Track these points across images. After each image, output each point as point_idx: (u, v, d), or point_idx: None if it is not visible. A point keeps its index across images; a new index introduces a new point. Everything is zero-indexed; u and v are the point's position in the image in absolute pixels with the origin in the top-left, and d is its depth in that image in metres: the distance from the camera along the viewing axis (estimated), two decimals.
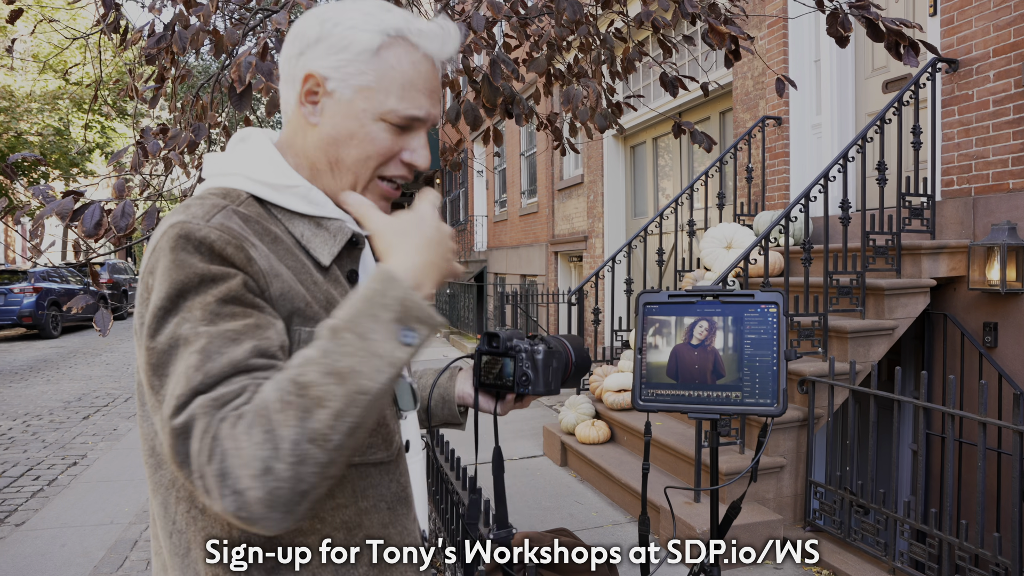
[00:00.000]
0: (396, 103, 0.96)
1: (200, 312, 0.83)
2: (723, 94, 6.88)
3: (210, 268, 0.84)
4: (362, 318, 0.80)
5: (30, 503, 4.81)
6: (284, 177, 0.98)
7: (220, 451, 0.75)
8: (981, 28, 4.17)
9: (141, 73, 3.05)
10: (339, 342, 0.78)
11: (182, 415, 0.78)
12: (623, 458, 4.73)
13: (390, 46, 0.96)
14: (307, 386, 0.76)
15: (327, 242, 0.99)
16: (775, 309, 1.75)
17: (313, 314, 0.93)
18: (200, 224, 0.86)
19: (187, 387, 0.79)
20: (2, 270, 15.28)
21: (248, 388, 0.79)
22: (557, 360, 1.17)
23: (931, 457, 4.42)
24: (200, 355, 0.80)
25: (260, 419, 0.75)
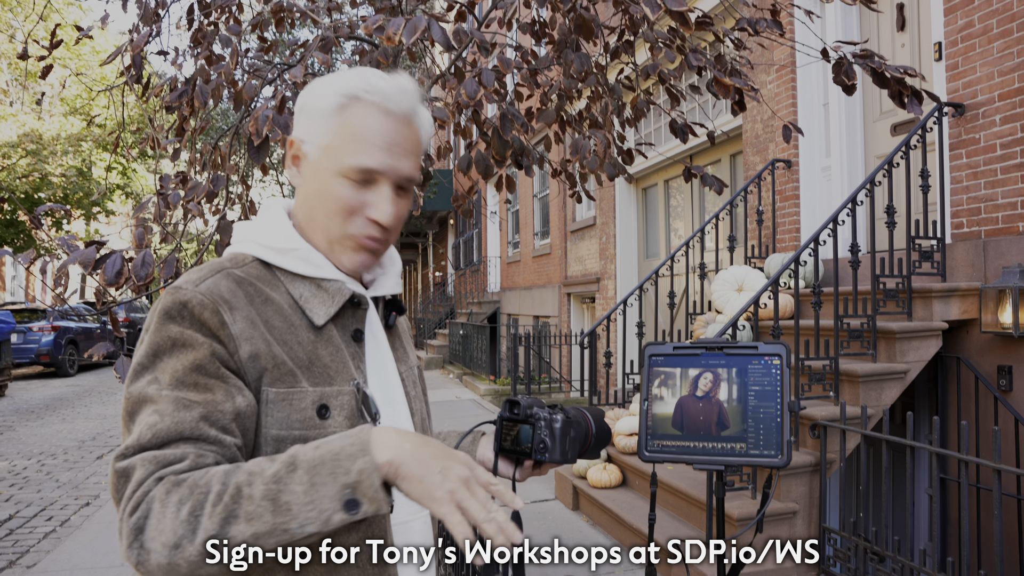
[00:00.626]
0: (349, 156, 1.00)
1: (168, 376, 0.91)
2: (734, 137, 6.96)
3: (183, 333, 0.92)
4: (322, 468, 0.82)
5: (42, 544, 4.82)
6: (287, 241, 1.04)
7: (146, 508, 0.82)
8: (986, 73, 4.22)
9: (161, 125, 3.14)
10: (291, 477, 0.82)
11: (124, 462, 0.86)
12: (635, 502, 4.69)
13: (348, 106, 1.01)
14: (246, 498, 0.81)
15: (324, 303, 1.03)
16: (779, 361, 1.76)
17: (286, 372, 0.97)
18: (188, 289, 0.95)
19: (137, 441, 0.87)
20: (21, 308, 15.48)
21: (189, 455, 0.86)
22: (575, 430, 1.20)
23: (948, 503, 4.36)
24: (156, 416, 0.88)
25: (194, 500, 0.82)
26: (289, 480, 0.81)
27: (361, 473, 0.81)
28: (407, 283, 32.93)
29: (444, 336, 17.00)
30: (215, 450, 0.89)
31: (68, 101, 18.53)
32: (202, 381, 0.91)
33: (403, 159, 1.03)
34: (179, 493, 0.82)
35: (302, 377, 0.98)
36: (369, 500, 0.81)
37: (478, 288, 17.41)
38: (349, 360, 1.04)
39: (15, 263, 25.49)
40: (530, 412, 1.19)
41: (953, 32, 4.45)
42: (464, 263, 19.42)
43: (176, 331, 0.92)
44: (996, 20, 4.15)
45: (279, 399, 0.96)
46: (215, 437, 0.89)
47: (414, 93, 1.06)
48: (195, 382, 0.91)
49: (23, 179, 17.33)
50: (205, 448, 0.88)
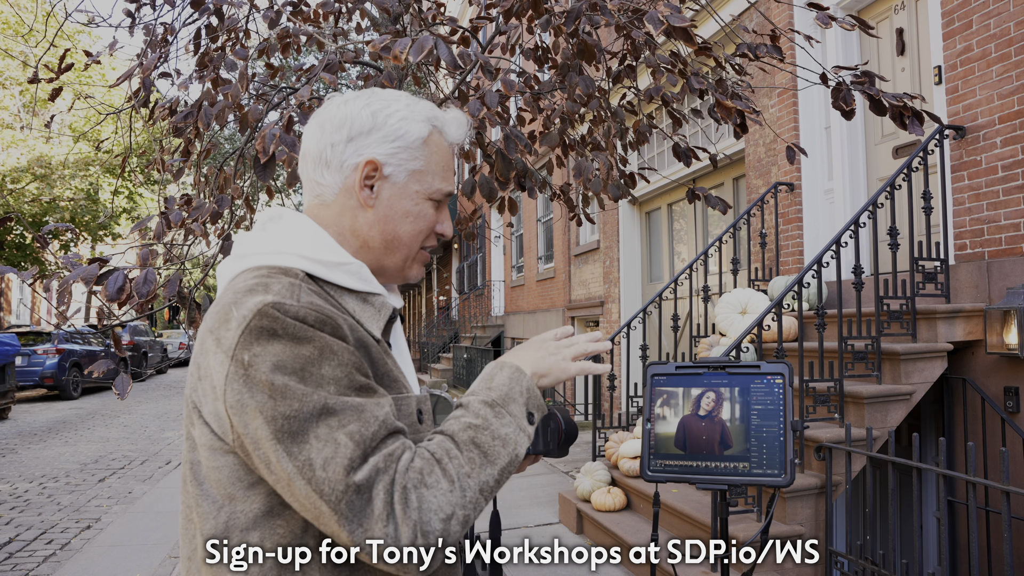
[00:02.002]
0: (440, 183, 1.11)
1: (334, 386, 0.90)
2: (737, 160, 6.99)
3: (324, 339, 0.92)
4: (509, 400, 0.99)
5: (42, 568, 4.79)
6: (336, 255, 1.04)
7: (417, 499, 0.87)
8: (986, 96, 4.25)
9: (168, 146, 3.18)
10: (498, 416, 0.98)
11: (361, 472, 0.86)
12: (639, 525, 4.65)
13: (432, 137, 1.10)
14: (483, 446, 0.94)
15: (374, 317, 1.06)
16: (781, 380, 1.76)
17: (391, 379, 1.04)
18: (293, 304, 0.92)
19: (357, 447, 0.87)
20: (27, 331, 15.52)
21: (407, 445, 0.92)
22: (553, 422, 1.24)
23: (957, 525, 4.31)
24: (358, 423, 0.89)
25: (447, 472, 0.90)
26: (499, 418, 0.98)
27: (528, 391, 1.03)
28: (411, 307, 32.96)
29: (448, 360, 16.97)
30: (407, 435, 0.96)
31: (76, 128, 18.73)
32: (364, 383, 0.93)
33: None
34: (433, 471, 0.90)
35: (391, 385, 1.03)
36: (538, 409, 1.04)
37: (482, 312, 17.41)
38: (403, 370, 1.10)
39: (21, 286, 25.60)
40: None
41: (952, 56, 4.49)
42: (468, 287, 19.43)
43: (320, 341, 0.91)
44: (994, 44, 4.19)
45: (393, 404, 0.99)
46: (403, 428, 0.95)
47: (467, 126, 1.18)
48: (361, 385, 0.93)
49: (32, 203, 17.47)
50: (404, 439, 0.94)
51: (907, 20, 5.17)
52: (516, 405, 0.99)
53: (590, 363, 1.11)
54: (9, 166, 16.75)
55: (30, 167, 17.08)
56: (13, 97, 18.17)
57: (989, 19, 4.23)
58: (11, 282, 24.52)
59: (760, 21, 6.12)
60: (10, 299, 24.65)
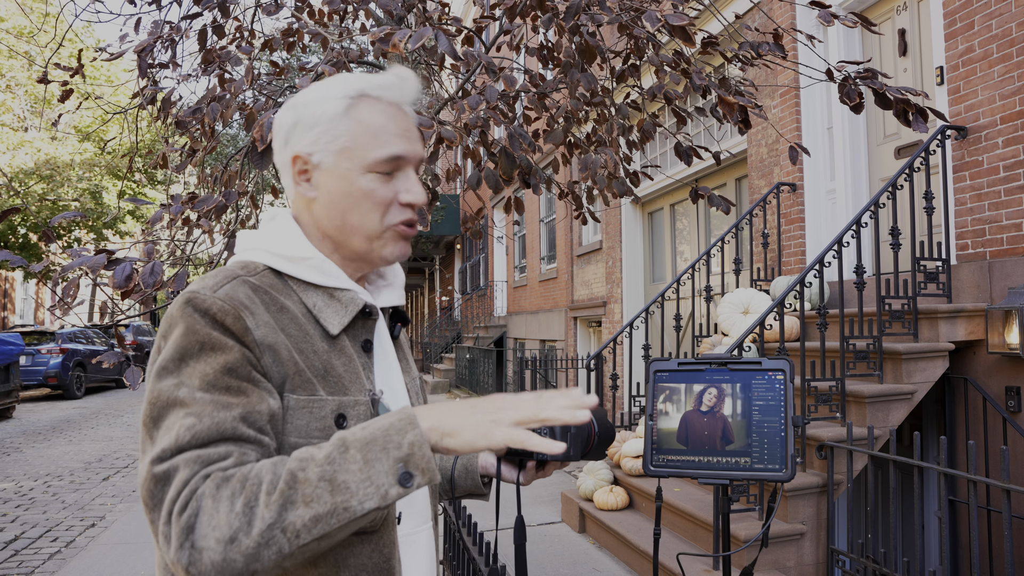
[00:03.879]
0: (374, 151, 1.03)
1: (199, 380, 0.89)
2: (739, 161, 7.01)
3: (211, 335, 0.91)
4: (374, 445, 0.83)
5: (47, 565, 4.82)
6: (300, 250, 1.04)
7: (196, 506, 0.80)
8: (987, 97, 4.26)
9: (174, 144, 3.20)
10: (345, 457, 0.83)
11: (164, 464, 0.84)
12: (641, 524, 4.67)
13: (355, 105, 1.04)
14: (301, 482, 0.81)
15: (338, 312, 1.04)
16: (782, 376, 1.78)
17: (305, 380, 0.97)
18: (207, 295, 0.93)
19: (175, 442, 0.85)
20: (31, 331, 15.57)
21: (232, 453, 0.86)
22: (577, 428, 1.15)
23: (958, 524, 4.32)
24: (193, 417, 0.86)
25: (247, 492, 0.80)
26: (343, 460, 0.82)
27: (412, 445, 0.83)
28: (414, 308, 32.97)
29: (451, 360, 16.99)
30: (255, 449, 0.89)
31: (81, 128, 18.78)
32: (234, 384, 0.90)
33: (416, 143, 1.08)
34: (230, 487, 0.81)
35: (319, 386, 0.98)
36: (421, 472, 0.84)
37: (484, 312, 17.43)
38: (360, 370, 1.04)
39: (25, 286, 25.66)
40: None
41: (954, 57, 4.50)
42: (471, 288, 19.46)
43: (204, 334, 0.91)
44: (996, 45, 4.20)
45: (300, 406, 0.95)
46: (255, 437, 0.89)
47: (418, 85, 1.10)
48: (227, 385, 0.90)
49: (38, 203, 17.53)
50: (246, 447, 0.88)
51: (909, 21, 5.19)
52: (381, 455, 0.83)
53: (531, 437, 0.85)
54: (16, 167, 16.80)
55: (38, 169, 17.14)
56: (16, 98, 18.23)
57: (991, 20, 4.24)
58: (15, 282, 24.58)
59: (763, 21, 6.14)
60: (14, 299, 24.71)
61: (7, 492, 6.85)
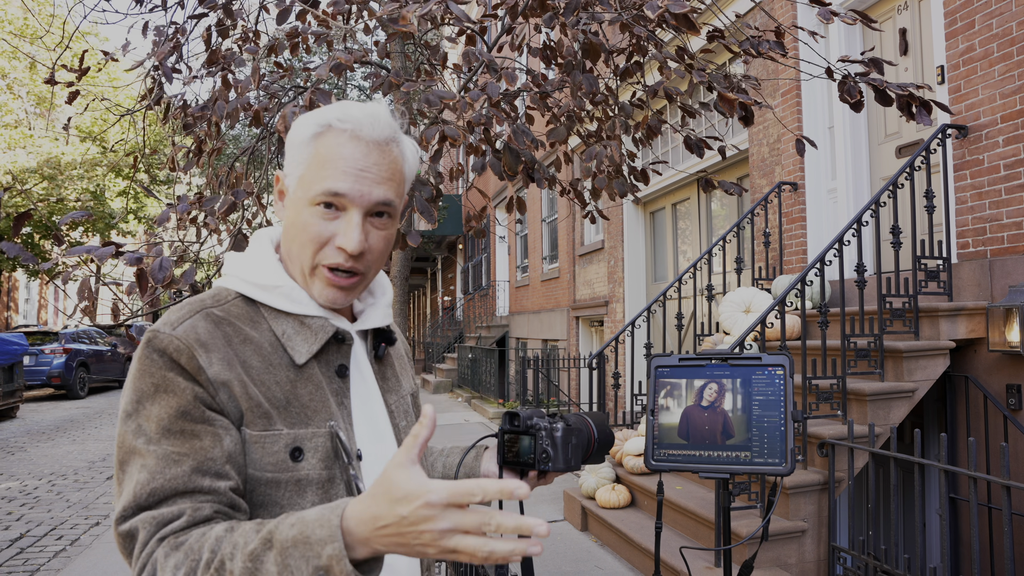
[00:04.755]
0: (318, 183, 0.99)
1: (154, 425, 0.91)
2: (740, 160, 7.02)
3: (164, 377, 0.93)
4: (295, 550, 0.78)
5: (52, 563, 4.84)
6: (270, 277, 1.03)
7: (151, 570, 0.85)
8: (988, 96, 4.28)
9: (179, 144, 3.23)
10: (267, 557, 0.80)
11: (127, 524, 0.88)
12: (643, 522, 4.68)
13: (322, 134, 1.01)
14: (227, 572, 0.81)
15: (307, 340, 1.02)
16: (782, 371, 1.80)
17: (262, 415, 0.96)
18: (165, 333, 0.95)
19: (133, 501, 0.89)
20: (34, 331, 15.61)
21: (186, 511, 0.88)
22: (577, 437, 1.19)
23: (959, 522, 4.33)
24: (148, 473, 0.89)
25: (187, 566, 0.83)
26: (265, 559, 0.80)
27: (331, 559, 0.77)
28: (415, 307, 33.00)
29: (453, 360, 17.02)
30: (211, 499, 0.90)
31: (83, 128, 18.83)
32: (188, 427, 0.91)
33: (375, 185, 1.00)
34: (175, 558, 0.84)
35: (277, 418, 0.97)
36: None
37: (487, 312, 17.46)
38: (331, 398, 1.03)
39: (28, 286, 25.73)
40: (530, 423, 1.18)
41: (955, 56, 4.52)
42: (473, 287, 19.49)
43: (159, 376, 0.93)
44: (996, 44, 4.22)
45: (253, 441, 0.95)
46: (209, 487, 0.90)
47: (388, 120, 1.04)
48: (181, 429, 0.91)
49: (41, 203, 17.59)
50: (200, 500, 0.90)
51: (910, 20, 5.20)
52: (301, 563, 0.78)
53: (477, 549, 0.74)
54: (19, 167, 16.86)
55: (39, 168, 17.19)
56: (18, 99, 18.29)
57: (991, 19, 4.26)
58: (18, 282, 24.64)
59: (764, 20, 6.16)
60: (17, 299, 24.78)
61: (12, 491, 6.89)
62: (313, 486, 0.98)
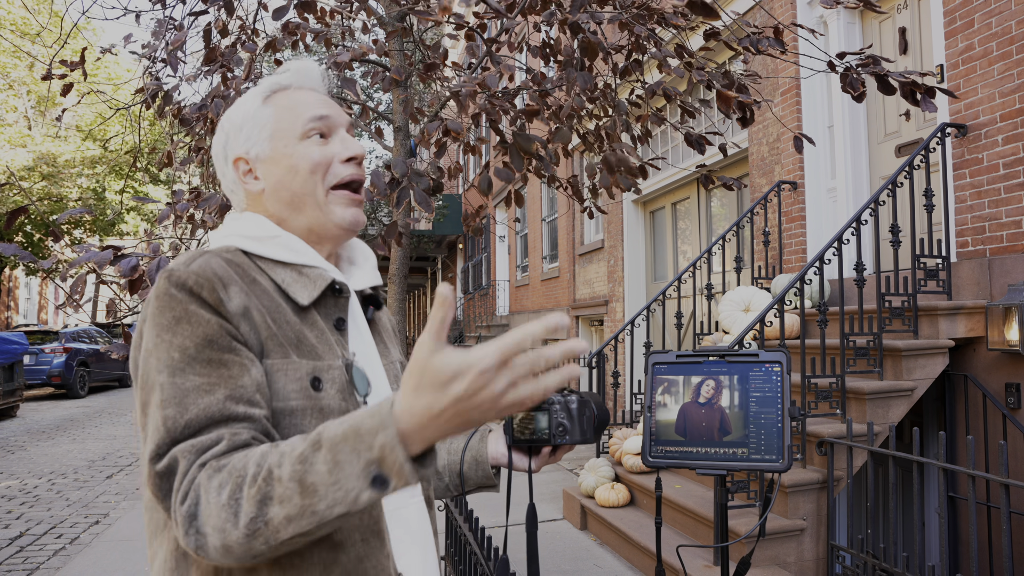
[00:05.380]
0: (300, 118, 1.09)
1: (179, 355, 0.90)
2: (739, 160, 7.02)
3: (187, 310, 0.92)
4: (345, 445, 0.78)
5: (52, 561, 4.85)
6: (267, 230, 1.07)
7: (195, 496, 0.83)
8: (987, 95, 4.28)
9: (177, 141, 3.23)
10: (316, 457, 0.78)
11: (164, 460, 0.86)
12: (643, 521, 4.69)
13: (270, 98, 1.11)
14: (275, 480, 0.79)
15: (307, 286, 1.05)
16: (779, 368, 1.80)
17: (279, 345, 0.98)
18: (181, 270, 0.95)
19: (168, 435, 0.87)
20: (35, 330, 15.62)
21: (224, 437, 0.87)
22: (589, 409, 1.17)
23: (958, 520, 4.34)
24: (177, 407, 0.88)
25: (233, 483, 0.81)
26: (314, 459, 0.78)
27: (383, 448, 0.76)
28: (415, 307, 33.00)
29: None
30: (247, 426, 0.90)
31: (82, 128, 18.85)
32: (215, 356, 0.91)
33: (338, 110, 1.13)
34: (219, 477, 0.82)
35: (293, 351, 0.99)
36: (396, 475, 0.77)
37: (487, 312, 17.46)
38: (334, 344, 1.05)
39: (29, 285, 25.73)
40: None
41: (954, 55, 4.52)
42: (473, 287, 19.48)
43: (180, 309, 0.92)
44: (996, 43, 4.22)
45: (275, 370, 0.96)
46: (244, 413, 0.90)
47: (321, 73, 1.16)
48: (208, 358, 0.91)
49: (40, 202, 17.59)
50: (237, 427, 0.89)
51: (909, 19, 5.20)
52: (352, 457, 0.77)
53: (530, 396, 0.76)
54: (18, 165, 16.87)
55: (36, 166, 17.20)
56: (19, 97, 18.30)
57: (990, 18, 4.26)
58: (18, 281, 24.65)
59: (764, 19, 6.16)
60: (17, 298, 24.78)
61: (12, 490, 6.89)
62: (336, 415, 0.98)
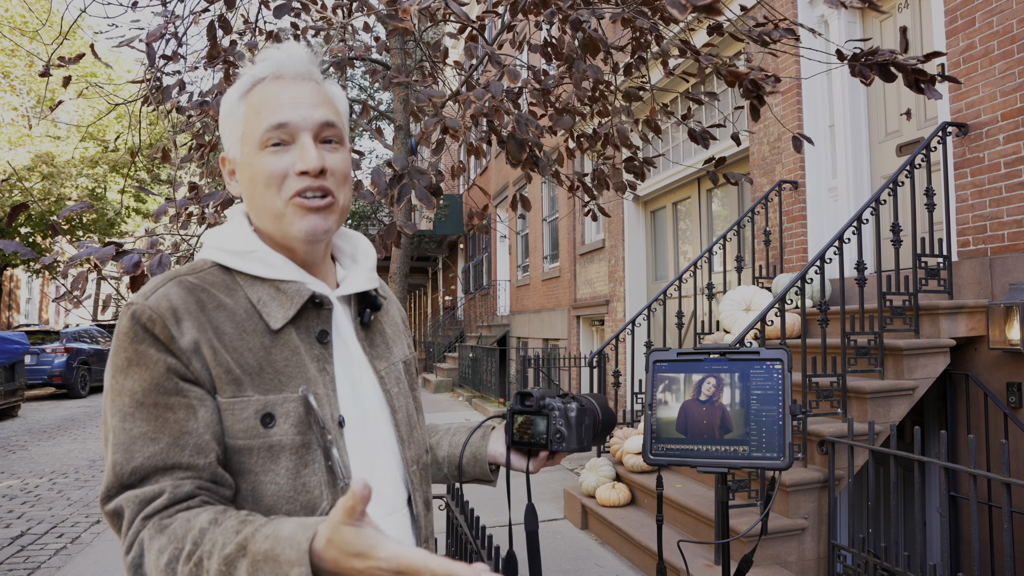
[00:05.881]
0: (259, 126, 1.02)
1: (128, 400, 0.93)
2: (740, 159, 7.02)
3: (136, 350, 0.93)
4: (264, 564, 0.80)
5: (53, 560, 4.85)
6: (245, 243, 1.04)
7: (139, 549, 0.88)
8: (988, 94, 4.28)
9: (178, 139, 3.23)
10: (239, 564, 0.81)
11: (112, 503, 0.91)
12: (644, 520, 4.68)
13: (248, 92, 1.06)
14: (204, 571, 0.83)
15: (283, 305, 1.02)
16: (780, 366, 1.80)
17: (231, 381, 0.96)
18: (138, 304, 0.96)
19: (116, 479, 0.91)
20: (36, 330, 15.63)
21: (167, 489, 0.89)
22: (589, 417, 1.18)
23: (959, 520, 4.33)
24: (124, 452, 0.91)
25: (170, 552, 0.85)
26: (238, 566, 0.81)
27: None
28: (417, 307, 33.00)
29: (454, 359, 17.03)
30: (191, 475, 0.92)
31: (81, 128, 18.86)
32: (162, 400, 0.92)
33: (312, 108, 1.03)
34: (160, 541, 0.86)
35: (248, 384, 0.97)
36: None
37: (488, 312, 17.46)
38: (310, 364, 1.02)
39: (30, 285, 25.74)
40: (543, 403, 1.16)
41: (955, 54, 4.52)
42: (474, 287, 19.49)
43: (132, 350, 0.94)
44: (997, 42, 4.22)
45: (224, 408, 0.96)
46: (187, 463, 0.92)
47: (306, 57, 1.07)
48: (155, 402, 0.92)
49: (40, 202, 17.61)
50: (180, 477, 0.91)
51: (910, 18, 5.20)
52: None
53: None
54: (18, 164, 16.88)
55: (36, 165, 17.21)
56: (19, 95, 18.31)
57: (992, 16, 4.26)
58: (19, 281, 24.66)
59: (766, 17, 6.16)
60: (18, 298, 24.80)
61: (13, 489, 6.89)
62: (287, 452, 0.97)
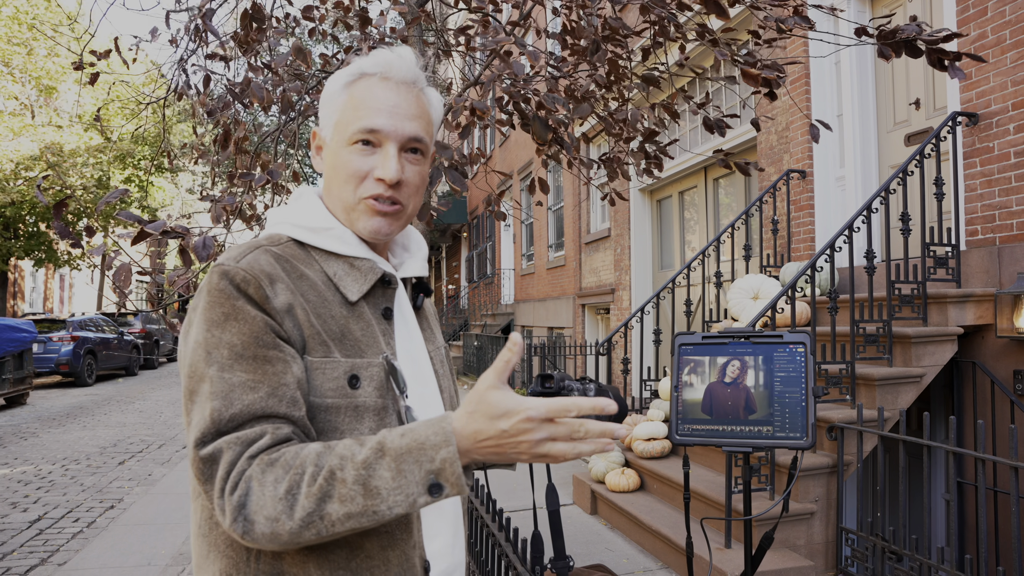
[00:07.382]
0: (354, 123, 1.07)
1: (227, 352, 0.95)
2: (748, 148, 7.05)
3: (235, 306, 0.97)
4: (408, 456, 0.87)
5: (71, 544, 4.92)
6: (321, 221, 1.09)
7: (245, 487, 0.89)
8: (999, 83, 4.31)
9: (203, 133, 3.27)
10: (380, 464, 0.87)
11: (208, 447, 0.92)
12: (653, 506, 4.75)
13: (354, 83, 1.10)
14: (339, 481, 0.87)
15: (357, 280, 1.08)
16: (803, 349, 1.85)
17: (321, 343, 1.01)
18: (231, 265, 0.99)
19: (212, 425, 0.93)
20: (42, 319, 15.68)
21: (267, 432, 0.93)
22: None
23: (966, 506, 4.39)
24: (223, 400, 0.93)
25: (290, 478, 0.88)
26: (378, 466, 0.87)
27: (444, 461, 0.87)
28: None
29: (458, 348, 17.09)
30: (286, 423, 0.95)
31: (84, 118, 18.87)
32: (261, 353, 0.95)
33: (406, 120, 1.08)
34: (274, 472, 0.88)
35: (335, 348, 1.02)
36: (451, 484, 0.88)
37: (492, 300, 17.51)
38: (380, 336, 1.08)
39: (35, 275, 25.82)
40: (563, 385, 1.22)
41: (967, 43, 4.54)
42: (478, 275, 19.53)
43: (229, 305, 0.96)
44: (1009, 31, 4.24)
45: (314, 368, 1.00)
46: (284, 412, 0.95)
47: (413, 62, 1.12)
48: (254, 355, 0.95)
49: (46, 192, 17.64)
50: (278, 422, 0.94)
51: (921, 7, 5.22)
52: (414, 467, 0.87)
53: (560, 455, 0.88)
54: (23, 154, 16.89)
55: (42, 155, 17.23)
56: (23, 86, 18.31)
57: (1004, 6, 4.28)
58: (24, 272, 24.73)
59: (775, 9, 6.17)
60: (23, 288, 24.87)
61: (27, 475, 6.97)
62: (370, 413, 1.03)
